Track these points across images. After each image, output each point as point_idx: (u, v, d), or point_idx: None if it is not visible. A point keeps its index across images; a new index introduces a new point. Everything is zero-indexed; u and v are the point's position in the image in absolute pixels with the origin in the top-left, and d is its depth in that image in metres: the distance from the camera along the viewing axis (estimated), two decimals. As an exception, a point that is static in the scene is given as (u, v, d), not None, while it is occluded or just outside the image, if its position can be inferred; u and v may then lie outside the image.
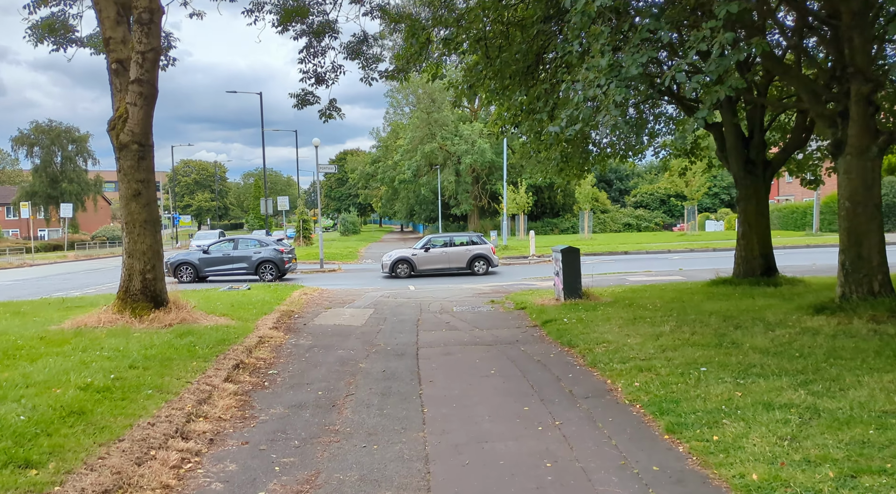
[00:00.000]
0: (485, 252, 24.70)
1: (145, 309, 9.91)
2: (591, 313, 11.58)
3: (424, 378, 7.75)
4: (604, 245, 36.98)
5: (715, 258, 27.88)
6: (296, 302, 14.86)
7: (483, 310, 13.82)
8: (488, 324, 11.80)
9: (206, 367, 7.54)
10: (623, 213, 66.53)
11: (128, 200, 9.98)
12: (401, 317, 12.99)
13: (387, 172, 64.74)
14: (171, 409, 5.77)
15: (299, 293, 16.87)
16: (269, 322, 11.28)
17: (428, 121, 58.60)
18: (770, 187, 14.80)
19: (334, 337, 10.64)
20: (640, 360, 7.80)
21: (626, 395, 6.56)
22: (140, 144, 9.91)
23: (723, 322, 9.69)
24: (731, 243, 35.92)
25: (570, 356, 8.71)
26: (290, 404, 6.66)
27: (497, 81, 10.73)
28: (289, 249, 24.73)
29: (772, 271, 14.40)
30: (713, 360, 7.49)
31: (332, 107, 14.72)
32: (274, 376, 7.90)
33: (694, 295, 13.17)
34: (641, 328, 9.79)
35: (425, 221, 73.08)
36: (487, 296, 16.53)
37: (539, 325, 11.27)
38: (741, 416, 5.46)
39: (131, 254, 10.01)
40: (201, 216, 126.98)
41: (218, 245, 24.45)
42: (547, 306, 13.23)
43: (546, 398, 6.70)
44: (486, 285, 19.66)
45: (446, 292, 17.79)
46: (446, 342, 10.15)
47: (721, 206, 69.82)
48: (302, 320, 12.52)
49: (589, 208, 45.78)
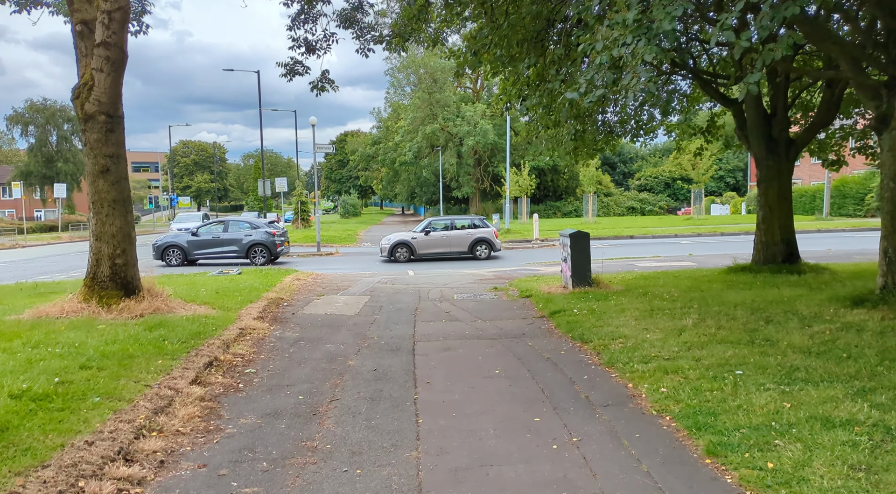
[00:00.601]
0: (487, 236, 23.77)
1: (114, 298, 9.01)
2: (602, 303, 10.67)
3: (420, 379, 6.86)
4: (609, 229, 36.01)
5: (725, 243, 26.95)
6: (287, 289, 13.97)
7: (486, 298, 12.93)
8: (491, 314, 10.91)
9: (173, 366, 6.65)
10: (627, 196, 65.49)
11: (95, 177, 9.03)
12: (398, 305, 12.10)
13: (387, 154, 63.62)
14: (118, 422, 4.88)
15: (292, 279, 15.98)
16: (253, 312, 10.38)
17: (429, 101, 57.36)
18: (793, 168, 13.82)
19: (324, 329, 9.74)
20: (664, 359, 6.90)
21: (652, 403, 5.67)
22: (108, 114, 8.95)
23: (751, 315, 8.78)
24: (739, 228, 35.05)
25: (583, 354, 7.82)
26: (265, 411, 5.77)
27: (503, 48, 9.73)
28: (281, 231, 23.80)
29: (794, 258, 13.47)
30: (748, 361, 6.59)
31: (324, 79, 13.70)
32: (251, 376, 7.01)
33: (712, 284, 12.25)
34: (661, 321, 8.88)
35: (426, 203, 72.03)
36: (490, 282, 15.63)
37: (547, 316, 10.36)
38: (797, 436, 4.57)
39: (99, 237, 9.09)
40: (201, 198, 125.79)
41: (208, 227, 23.52)
42: (554, 294, 12.34)
43: (560, 406, 5.81)
44: (488, 271, 18.76)
45: (447, 278, 16.90)
46: (446, 334, 9.26)
47: (726, 189, 68.77)
48: (291, 308, 11.62)
49: (593, 192, 44.72)
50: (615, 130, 15.21)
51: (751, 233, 32.07)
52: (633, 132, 15.76)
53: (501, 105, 14.43)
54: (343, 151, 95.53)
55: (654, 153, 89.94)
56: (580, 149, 13.98)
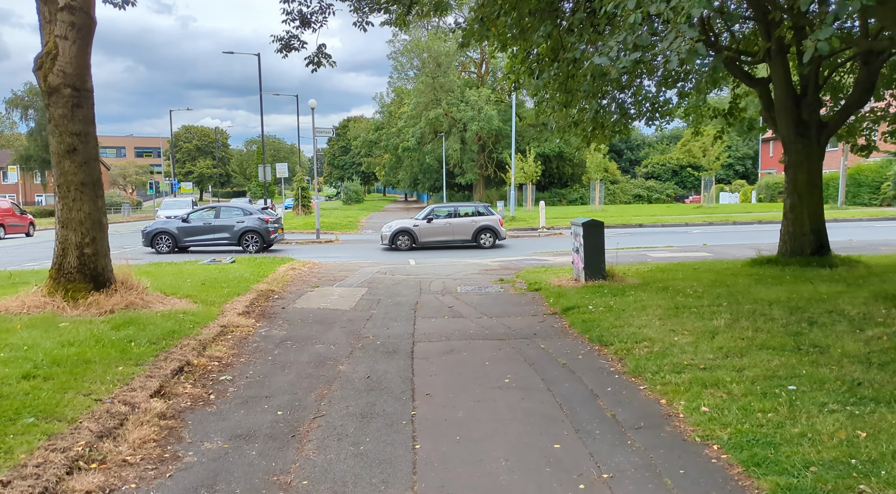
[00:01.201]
0: (492, 224, 22.84)
1: (82, 291, 8.14)
2: (620, 298, 9.77)
3: (420, 390, 5.98)
4: (616, 217, 35.03)
5: (738, 233, 25.99)
6: (279, 279, 13.09)
7: (491, 291, 12.04)
8: (498, 310, 10.01)
9: (135, 374, 5.78)
10: (633, 184, 64.43)
11: (60, 157, 8.13)
12: (397, 299, 11.21)
13: (390, 140, 62.56)
14: (50, 451, 4.01)
15: (286, 268, 15.11)
16: (239, 306, 9.49)
17: (433, 86, 56.18)
18: (824, 153, 12.85)
19: (315, 326, 8.86)
20: (700, 369, 6.01)
21: (693, 426, 4.78)
22: (74, 87, 8.03)
23: (790, 316, 7.87)
24: (751, 217, 33.99)
25: (603, 359, 6.92)
26: (236, 432, 4.90)
27: (514, 17, 8.77)
28: (274, 218, 22.92)
29: (824, 250, 12.53)
30: (799, 373, 5.69)
31: (321, 54, 12.73)
32: (226, 384, 6.14)
33: (737, 277, 11.33)
34: (688, 321, 7.98)
35: (429, 190, 71.03)
36: (495, 273, 14.73)
37: (559, 313, 9.46)
38: (887, 479, 3.67)
39: (65, 224, 8.20)
40: (203, 183, 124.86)
41: (199, 213, 22.66)
42: (565, 287, 11.44)
43: (583, 428, 4.93)
44: (493, 261, 17.86)
45: (450, 268, 16.01)
46: (449, 333, 8.37)
47: (736, 177, 67.56)
48: (282, 302, 10.74)
49: (600, 179, 43.65)
50: (629, 112, 14.22)
51: (764, 222, 31.12)
52: (648, 115, 14.78)
53: (509, 84, 13.47)
54: (346, 138, 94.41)
55: (662, 140, 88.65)
56: (597, 131, 13.00)
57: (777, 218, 31.97)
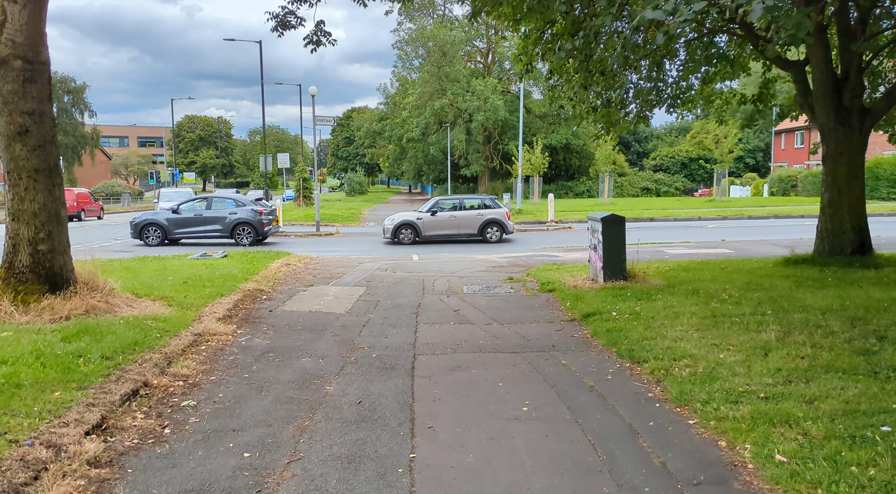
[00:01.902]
0: (499, 217, 21.76)
1: (35, 294, 7.11)
2: (646, 303, 8.70)
3: (420, 420, 4.94)
4: (626, 211, 33.86)
5: (756, 228, 24.86)
6: (271, 277, 12.06)
7: (501, 291, 10.99)
8: (510, 314, 8.96)
9: (75, 401, 4.75)
10: (641, 177, 63.14)
11: (10, 139, 7.07)
12: (397, 301, 10.17)
13: (394, 130, 61.35)
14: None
15: (280, 264, 14.08)
16: (220, 309, 8.46)
17: (438, 75, 54.90)
18: (867, 143, 11.74)
19: (304, 333, 7.82)
20: (760, 398, 4.95)
21: (769, 484, 3.72)
22: (26, 59, 6.98)
23: (851, 328, 6.80)
24: (767, 211, 32.78)
25: (637, 380, 5.86)
26: (186, 486, 3.86)
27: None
28: (269, 209, 21.88)
29: (866, 250, 11.45)
30: (888, 407, 4.63)
31: (319, 31, 11.65)
32: (187, 412, 5.10)
33: (773, 280, 10.24)
34: (731, 333, 6.91)
35: (434, 182, 69.89)
36: (504, 271, 13.68)
37: (578, 319, 8.40)
38: None
39: (16, 216, 7.16)
40: (206, 174, 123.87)
41: (190, 204, 21.62)
42: (582, 289, 10.39)
43: (626, 483, 3.88)
44: (500, 256, 16.80)
45: (455, 264, 14.96)
46: (455, 344, 7.33)
47: (746, 170, 66.20)
48: (270, 304, 9.70)
49: (609, 171, 42.46)
50: (650, 98, 13.10)
51: (780, 217, 29.97)
52: (669, 101, 13.67)
53: (520, 68, 12.38)
54: (350, 129, 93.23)
55: (670, 132, 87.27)
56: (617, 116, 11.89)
57: (793, 212, 30.86)
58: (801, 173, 47.84)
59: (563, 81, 12.48)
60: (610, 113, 11.74)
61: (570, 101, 12.08)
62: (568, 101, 12.06)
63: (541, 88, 62.03)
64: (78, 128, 69.56)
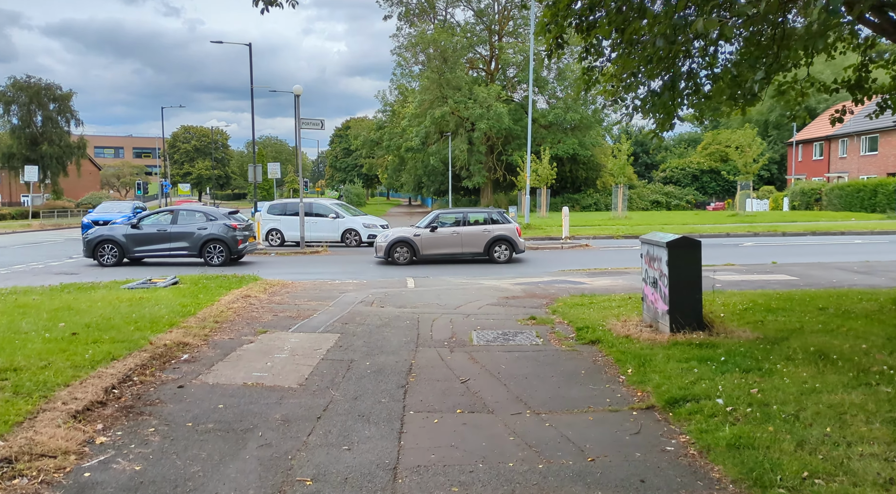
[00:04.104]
0: (508, 234, 18.71)
1: None
2: (763, 378, 5.60)
3: None
4: (643, 226, 30.84)
5: (801, 247, 21.71)
6: (213, 317, 8.97)
7: (524, 342, 7.92)
8: (546, 391, 5.87)
9: None
10: (651, 189, 60.22)
11: None
12: (379, 360, 7.09)
13: (393, 140, 58.41)
14: None
15: (236, 296, 11.02)
16: (92, 390, 5.34)
17: (439, 82, 51.97)
18: None
19: (210, 444, 4.70)
20: None
21: None
22: None
23: None
24: (802, 227, 29.18)
25: None
26: None
27: None
28: (244, 224, 18.84)
29: None
30: None
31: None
32: None
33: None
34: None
35: (434, 194, 66.94)
36: (521, 305, 10.64)
37: (659, 407, 5.30)
38: None
39: None
40: (202, 185, 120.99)
41: (154, 218, 18.60)
42: (640, 341, 7.34)
43: None
44: (513, 282, 13.73)
45: (459, 294, 11.91)
46: (465, 465, 4.23)
47: (760, 183, 63.17)
48: (187, 370, 6.59)
49: (624, 183, 39.45)
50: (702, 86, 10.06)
51: (818, 233, 26.75)
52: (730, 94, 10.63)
53: (548, 39, 9.36)
54: (348, 139, 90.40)
55: (679, 143, 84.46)
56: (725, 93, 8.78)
57: (831, 229, 27.55)
58: (826, 186, 44.82)
59: (605, 60, 9.48)
60: (672, 98, 8.68)
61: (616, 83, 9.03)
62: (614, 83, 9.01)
63: (546, 96, 59.56)
64: (64, 137, 66.63)
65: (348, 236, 24.39)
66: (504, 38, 57.79)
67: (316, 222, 24.48)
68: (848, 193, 41.22)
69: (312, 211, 24.89)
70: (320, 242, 24.17)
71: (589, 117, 53.01)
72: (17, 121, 65.57)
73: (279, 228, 24.42)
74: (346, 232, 24.46)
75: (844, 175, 50.22)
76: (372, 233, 23.89)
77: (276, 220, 24.55)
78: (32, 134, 65.47)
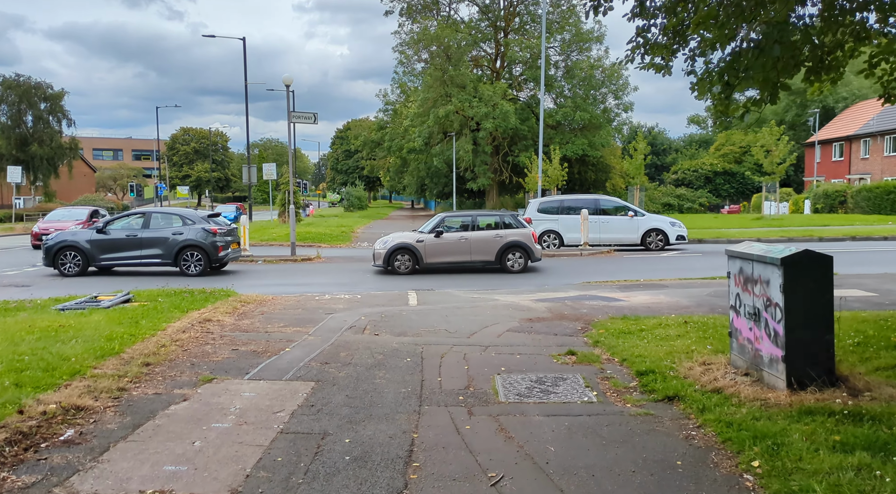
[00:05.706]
0: (523, 240, 16.40)
1: None
2: None
3: None
4: (666, 230, 28.36)
5: (851, 254, 19.24)
6: (140, 360, 6.66)
7: (571, 398, 5.61)
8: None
9: None
10: (662, 191, 57.90)
11: None
12: (365, 431, 4.79)
13: (394, 140, 56.09)
14: None
15: (191, 321, 8.73)
16: None
17: (442, 80, 49.64)
18: None
19: None
20: None
21: None
22: None
23: None
24: (837, 231, 26.33)
25: None
26: None
27: None
28: (226, 229, 16.54)
29: None
30: None
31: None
32: None
33: None
34: None
35: (437, 197, 64.63)
36: (551, 331, 8.35)
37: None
38: None
39: None
40: (201, 187, 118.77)
41: (123, 221, 16.33)
42: (741, 402, 5.15)
43: None
44: (535, 298, 11.41)
45: (471, 318, 9.57)
46: None
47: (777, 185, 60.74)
48: (60, 458, 4.28)
49: (639, 184, 37.07)
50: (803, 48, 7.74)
51: (858, 239, 24.32)
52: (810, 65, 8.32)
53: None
54: (348, 141, 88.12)
55: (690, 144, 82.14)
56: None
57: (873, 233, 25.00)
58: (852, 188, 42.41)
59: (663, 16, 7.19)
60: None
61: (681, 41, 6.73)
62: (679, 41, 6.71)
63: (553, 94, 57.15)
64: (55, 137, 64.44)
65: (649, 238, 21.39)
66: (510, 34, 55.47)
67: (608, 221, 21.88)
68: (877, 195, 38.82)
69: (599, 207, 22.36)
70: (614, 244, 21.68)
71: (598, 117, 50.69)
72: (6, 120, 63.40)
73: (556, 229, 21.72)
74: (649, 232, 21.45)
75: (867, 177, 47.82)
76: (680, 233, 21.15)
77: (554, 220, 21.84)
78: (22, 134, 63.22)
